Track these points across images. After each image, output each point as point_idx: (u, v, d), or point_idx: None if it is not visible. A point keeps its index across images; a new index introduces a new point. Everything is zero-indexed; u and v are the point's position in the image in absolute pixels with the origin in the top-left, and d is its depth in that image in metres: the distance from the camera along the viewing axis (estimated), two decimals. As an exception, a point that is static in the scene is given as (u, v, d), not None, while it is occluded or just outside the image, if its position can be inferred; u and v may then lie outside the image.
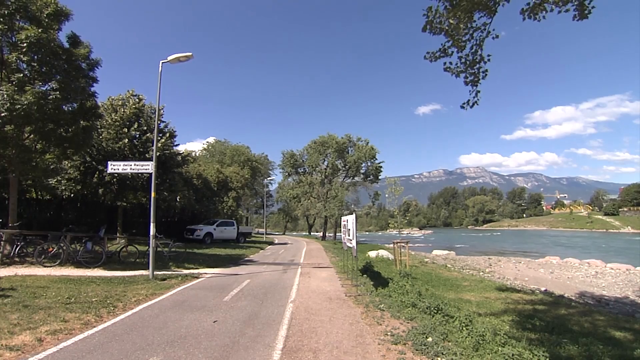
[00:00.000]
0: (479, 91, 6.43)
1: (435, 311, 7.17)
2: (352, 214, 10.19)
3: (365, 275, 12.06)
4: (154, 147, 11.38)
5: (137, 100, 20.93)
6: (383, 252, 21.01)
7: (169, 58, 11.00)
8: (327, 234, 48.75)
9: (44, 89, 11.75)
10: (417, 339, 5.39)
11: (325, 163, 44.68)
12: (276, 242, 38.13)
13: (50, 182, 18.60)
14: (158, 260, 10.92)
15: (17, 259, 11.43)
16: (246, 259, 18.35)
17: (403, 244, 16.89)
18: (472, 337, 5.46)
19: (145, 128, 20.16)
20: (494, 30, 5.97)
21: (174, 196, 23.57)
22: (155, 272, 10.54)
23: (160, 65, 11.27)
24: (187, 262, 14.57)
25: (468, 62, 6.25)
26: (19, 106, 10.29)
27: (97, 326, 5.68)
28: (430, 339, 5.37)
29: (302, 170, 47.52)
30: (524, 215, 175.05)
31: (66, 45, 12.55)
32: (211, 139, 58.47)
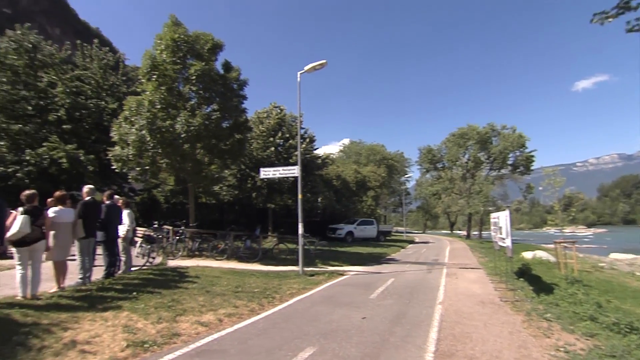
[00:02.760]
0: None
1: (628, 330, 6.01)
2: (500, 210, 9.32)
3: (522, 279, 10.87)
4: (298, 152, 12.38)
5: (279, 111, 23.20)
6: (541, 253, 18.60)
7: (306, 68, 11.81)
8: (471, 233, 45.58)
9: (208, 111, 13.96)
10: (604, 362, 4.54)
11: (466, 156, 41.90)
12: (417, 240, 37.30)
13: (215, 189, 21.85)
14: (305, 258, 11.80)
15: (197, 253, 13.78)
16: (388, 257, 18.45)
17: (567, 245, 14.69)
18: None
19: (287, 135, 22.15)
20: None
21: (316, 197, 25.16)
22: (304, 268, 11.42)
23: (299, 76, 12.16)
24: (331, 259, 15.38)
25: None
26: (193, 128, 12.52)
27: (261, 314, 6.46)
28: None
29: (441, 165, 45.51)
30: None
31: (221, 71, 14.65)
32: (346, 141, 60.57)
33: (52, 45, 20.20)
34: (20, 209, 5.87)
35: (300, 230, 11.71)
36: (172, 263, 11.44)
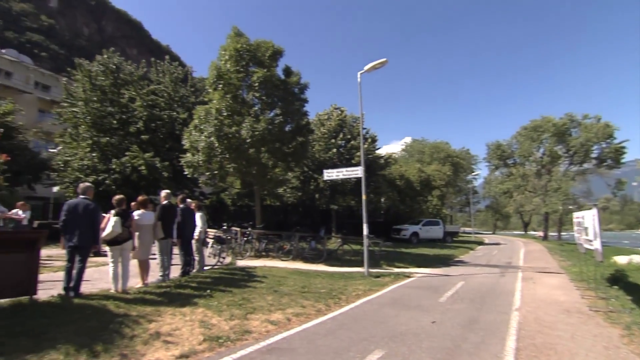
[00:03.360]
0: None
1: None
2: (582, 208, 8.46)
3: (616, 287, 9.64)
4: (361, 153, 12.25)
5: (339, 112, 23.27)
6: (639, 259, 16.43)
7: (366, 68, 11.67)
8: (548, 234, 42.15)
9: (271, 115, 14.39)
10: None
11: (541, 150, 38.84)
12: (486, 242, 35.18)
13: (279, 191, 22.45)
14: (370, 259, 11.65)
15: (263, 253, 14.22)
16: (456, 259, 17.64)
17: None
18: None
19: (349, 137, 22.15)
20: None
21: (379, 198, 24.87)
22: (369, 270, 11.28)
23: (359, 76, 12.06)
24: (396, 261, 15.06)
25: None
26: (257, 132, 12.99)
27: (327, 314, 6.46)
28: None
29: (512, 161, 42.71)
30: None
31: (282, 76, 15.04)
32: (408, 139, 59.06)
33: (130, 64, 22.31)
34: (112, 212, 6.62)
35: (365, 231, 11.59)
36: (240, 263, 11.92)
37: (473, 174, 53.14)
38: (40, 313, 5.05)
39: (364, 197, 11.78)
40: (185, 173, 15.19)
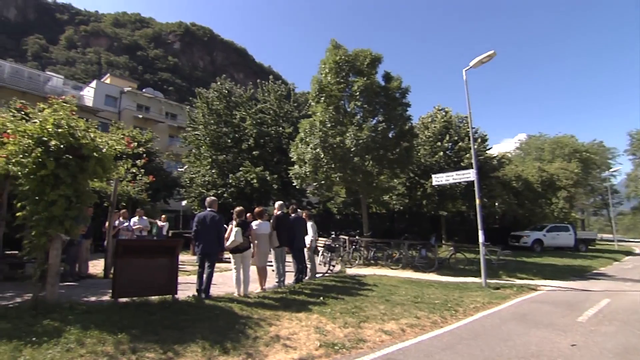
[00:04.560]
0: None
1: None
2: None
3: None
4: (473, 154, 11.37)
5: (444, 113, 22.19)
6: None
7: (471, 63, 10.86)
8: None
9: (373, 123, 14.34)
10: None
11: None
12: (637, 251, 29.57)
13: (385, 198, 22.16)
14: (487, 268, 10.69)
15: (372, 262, 14.09)
16: (595, 271, 15.09)
17: None
18: None
19: (456, 138, 20.95)
20: None
21: (493, 202, 22.94)
22: (487, 280, 10.38)
23: (464, 73, 11.27)
24: (518, 271, 13.57)
25: None
26: (361, 141, 13.07)
27: (444, 327, 6.05)
28: None
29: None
30: None
31: (382, 83, 14.91)
32: (522, 136, 53.70)
33: (239, 87, 24.82)
34: (234, 222, 7.30)
35: (481, 238, 10.67)
36: (350, 271, 11.96)
37: (610, 170, 45.65)
38: (181, 310, 5.82)
39: (477, 201, 10.88)
40: (294, 184, 15.95)
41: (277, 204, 8.86)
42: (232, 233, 7.09)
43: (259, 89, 24.97)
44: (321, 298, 7.27)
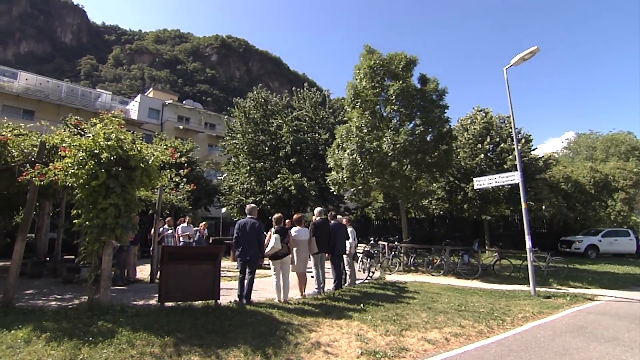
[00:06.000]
0: None
1: None
2: None
3: None
4: (517, 156, 10.85)
5: (484, 114, 21.44)
6: None
7: (513, 61, 10.41)
8: None
9: (410, 126, 14.10)
10: None
11: None
12: None
13: (424, 203, 21.67)
14: (536, 276, 10.13)
15: (412, 268, 13.81)
16: (664, 281, 13.87)
17: None
18: None
19: (497, 140, 20.15)
20: None
21: (540, 205, 21.82)
22: (536, 288, 9.84)
23: (505, 72, 10.83)
24: (570, 279, 12.74)
25: None
26: (398, 145, 12.87)
27: (491, 337, 5.79)
28: None
29: None
30: None
31: (418, 85, 14.62)
32: (570, 134, 50.93)
33: (275, 96, 25.25)
34: (273, 229, 7.40)
35: (529, 244, 10.14)
36: (389, 277, 11.77)
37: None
38: (224, 315, 5.94)
39: (523, 205, 10.36)
40: (332, 190, 15.93)
41: (317, 210, 8.88)
42: (271, 240, 7.19)
43: (295, 96, 25.31)
44: (361, 305, 7.16)
